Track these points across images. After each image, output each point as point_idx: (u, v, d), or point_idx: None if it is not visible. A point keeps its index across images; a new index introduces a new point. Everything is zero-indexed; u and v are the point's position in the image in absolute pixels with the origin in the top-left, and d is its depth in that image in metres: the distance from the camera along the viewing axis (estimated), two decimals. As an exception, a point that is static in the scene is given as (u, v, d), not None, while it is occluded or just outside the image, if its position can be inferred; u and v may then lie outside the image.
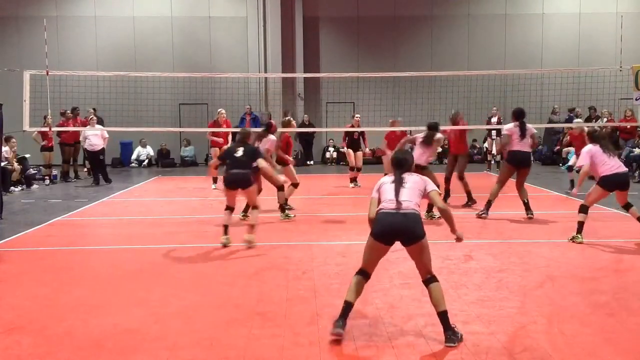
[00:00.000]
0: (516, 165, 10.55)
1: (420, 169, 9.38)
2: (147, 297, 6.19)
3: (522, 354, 4.59)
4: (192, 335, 5.05)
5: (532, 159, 11.65)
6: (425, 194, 5.16)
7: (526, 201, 10.45)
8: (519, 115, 10.64)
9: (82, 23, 22.34)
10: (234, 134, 14.29)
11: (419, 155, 10.14)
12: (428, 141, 10.47)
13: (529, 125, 10.67)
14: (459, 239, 5.32)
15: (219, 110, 15.39)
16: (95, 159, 16.18)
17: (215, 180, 14.86)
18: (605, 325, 5.20)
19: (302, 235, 9.16)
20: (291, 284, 6.51)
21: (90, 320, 5.45)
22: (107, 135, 16.45)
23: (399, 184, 5.09)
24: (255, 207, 8.61)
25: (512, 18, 23.04)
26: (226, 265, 7.42)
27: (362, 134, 15.22)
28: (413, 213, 4.95)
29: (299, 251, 8.08)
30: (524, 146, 10.52)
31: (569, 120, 19.32)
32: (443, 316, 4.88)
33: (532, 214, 10.36)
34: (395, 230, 4.93)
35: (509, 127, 10.76)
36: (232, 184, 8.42)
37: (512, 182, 10.76)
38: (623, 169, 8.48)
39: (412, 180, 5.17)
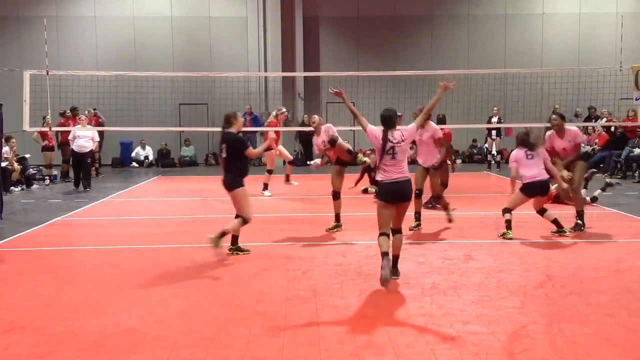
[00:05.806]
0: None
1: None
2: (147, 297, 6.19)
3: (522, 354, 4.59)
4: (192, 335, 5.05)
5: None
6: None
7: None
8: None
9: (82, 23, 22.34)
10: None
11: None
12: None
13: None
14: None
15: (281, 109, 14.06)
16: (82, 161, 14.91)
17: (266, 187, 13.41)
18: (605, 325, 5.20)
19: (302, 235, 9.15)
20: (291, 284, 6.51)
21: (90, 320, 5.45)
22: (98, 139, 16.04)
23: (390, 150, 6.34)
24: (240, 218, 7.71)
25: (512, 18, 23.04)
26: (226, 265, 7.42)
27: None
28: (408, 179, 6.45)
29: (299, 251, 8.08)
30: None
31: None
32: (394, 259, 6.52)
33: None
34: (398, 194, 6.38)
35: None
36: None
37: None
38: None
39: (400, 145, 6.35)
